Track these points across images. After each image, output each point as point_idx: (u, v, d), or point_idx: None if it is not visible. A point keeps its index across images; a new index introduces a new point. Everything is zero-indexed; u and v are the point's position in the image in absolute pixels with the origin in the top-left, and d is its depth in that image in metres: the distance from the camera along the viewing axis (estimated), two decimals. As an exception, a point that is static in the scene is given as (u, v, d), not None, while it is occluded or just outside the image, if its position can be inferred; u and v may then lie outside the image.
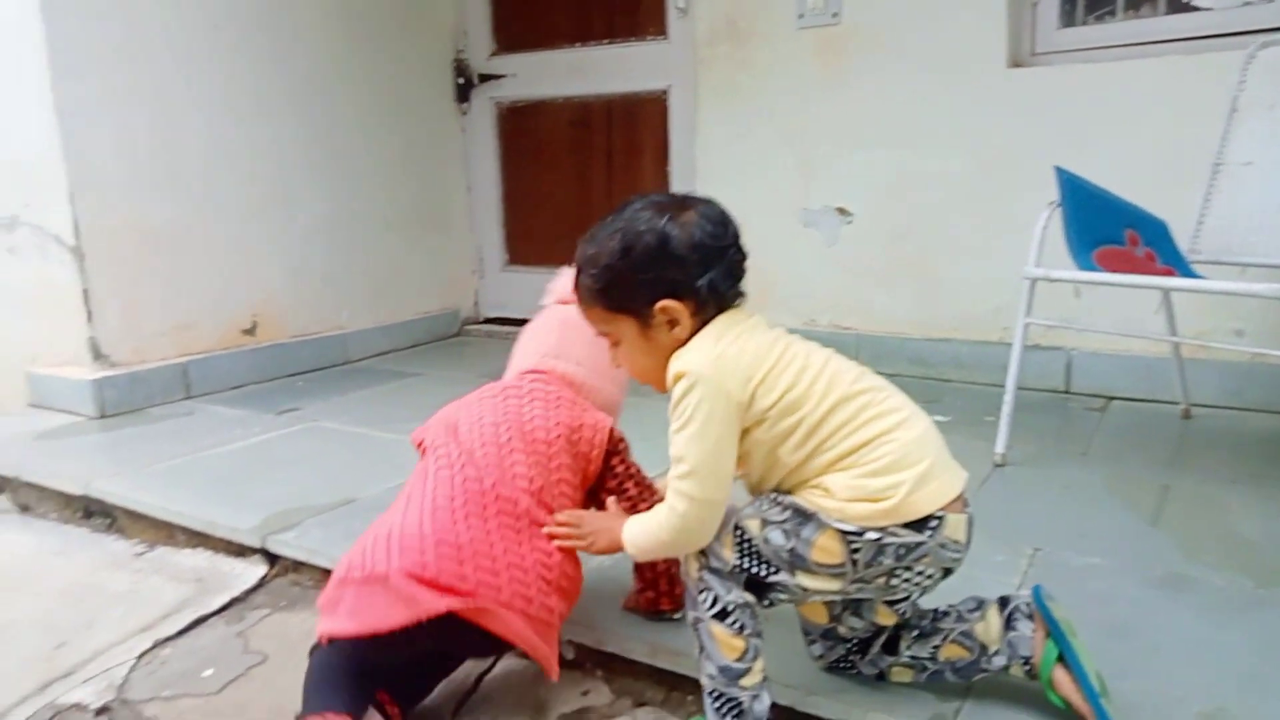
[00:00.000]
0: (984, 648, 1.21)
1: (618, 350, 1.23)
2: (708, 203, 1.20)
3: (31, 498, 2.27)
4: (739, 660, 1.13)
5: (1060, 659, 1.17)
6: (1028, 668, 1.19)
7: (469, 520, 1.22)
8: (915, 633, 1.25)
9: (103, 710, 1.43)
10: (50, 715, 1.43)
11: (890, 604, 1.23)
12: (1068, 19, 2.79)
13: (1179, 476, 2.10)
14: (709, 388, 1.09)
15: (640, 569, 1.44)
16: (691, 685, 1.36)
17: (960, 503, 1.12)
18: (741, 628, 1.13)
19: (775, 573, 1.11)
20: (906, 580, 1.13)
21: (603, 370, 1.47)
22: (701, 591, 1.14)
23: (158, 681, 1.51)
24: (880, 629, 1.25)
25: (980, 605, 1.24)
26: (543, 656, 1.24)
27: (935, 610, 1.26)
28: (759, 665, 1.15)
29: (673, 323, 1.15)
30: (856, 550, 1.08)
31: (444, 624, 1.15)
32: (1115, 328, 2.48)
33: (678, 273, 1.14)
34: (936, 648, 1.23)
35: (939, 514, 1.09)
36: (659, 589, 1.45)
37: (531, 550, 1.24)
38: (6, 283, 2.85)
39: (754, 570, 1.12)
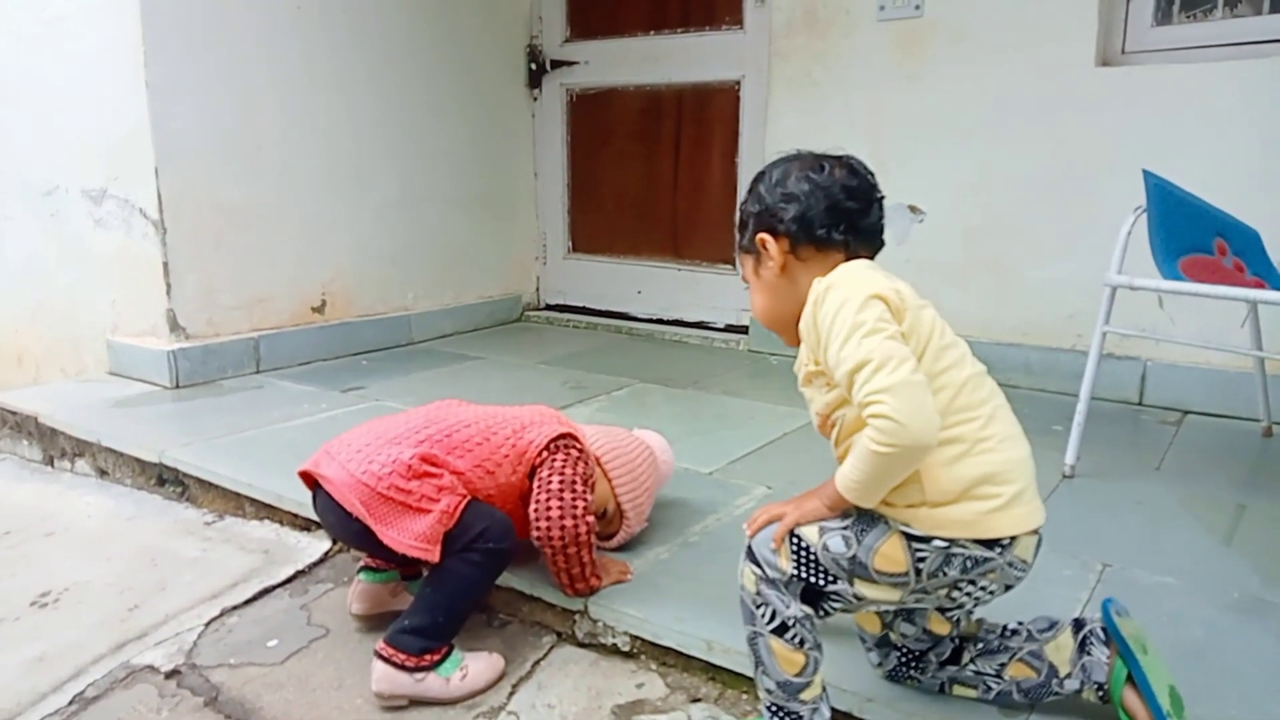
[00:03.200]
0: (1054, 669, 1.18)
1: (750, 291, 1.23)
2: (838, 157, 1.21)
3: (109, 462, 2.36)
4: (799, 675, 1.11)
5: (1129, 678, 1.14)
6: (1101, 693, 1.15)
7: (364, 435, 1.48)
8: (980, 646, 1.22)
9: (173, 673, 1.48)
10: (124, 675, 1.48)
11: (943, 611, 1.20)
12: (1163, 17, 2.69)
13: (1256, 496, 2.02)
14: (855, 288, 1.06)
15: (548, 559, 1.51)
16: (747, 682, 1.36)
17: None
18: (801, 641, 1.10)
19: (833, 582, 1.09)
20: (968, 594, 1.10)
21: (628, 463, 1.66)
22: (759, 606, 1.12)
23: (225, 649, 1.55)
24: (936, 638, 1.22)
25: (1053, 625, 1.21)
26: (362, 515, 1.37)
27: (1004, 627, 1.23)
28: (818, 678, 1.13)
29: (802, 258, 1.16)
30: (922, 559, 1.06)
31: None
32: (1197, 339, 2.40)
33: (796, 211, 1.15)
34: (1003, 665, 1.20)
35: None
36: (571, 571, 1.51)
37: (388, 454, 1.41)
38: (94, 253, 2.95)
39: (811, 580, 1.09)
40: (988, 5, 2.81)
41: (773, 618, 1.10)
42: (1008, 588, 1.11)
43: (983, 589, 1.10)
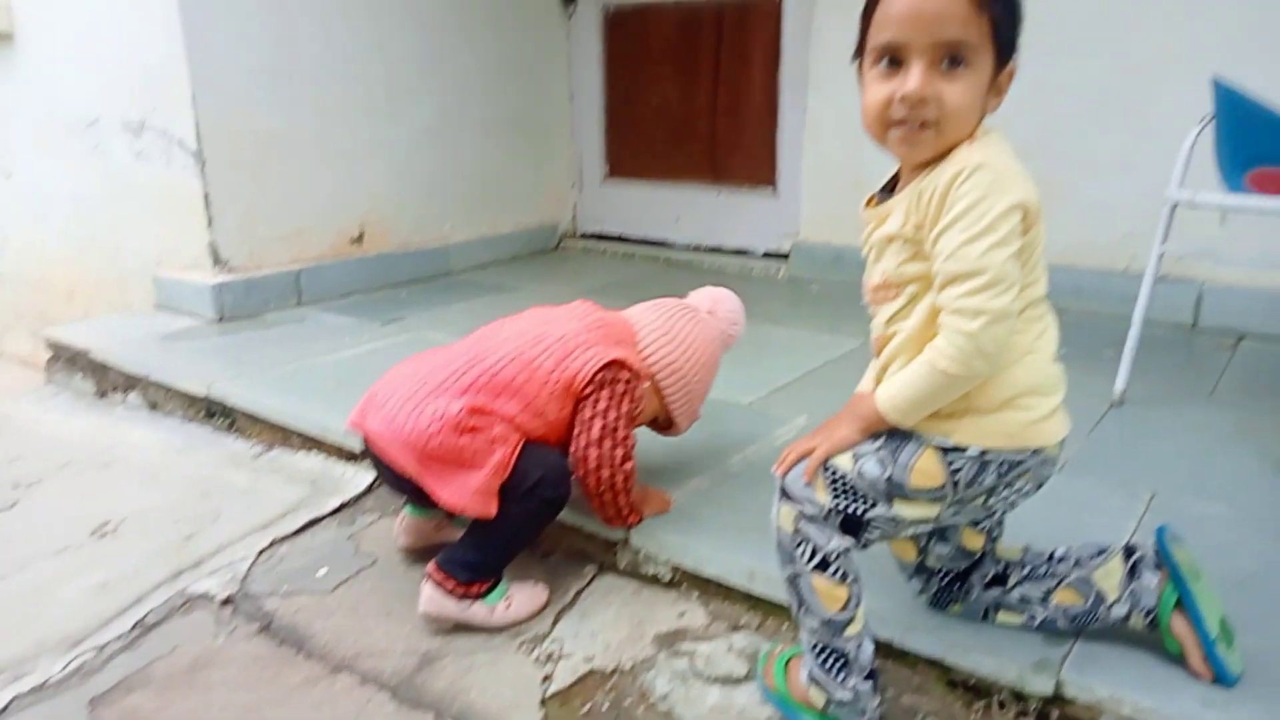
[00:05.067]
0: (1101, 596, 1.16)
1: (954, 77, 0.98)
2: None
3: (159, 396, 2.41)
4: (842, 610, 1.10)
5: (1179, 604, 1.12)
6: (1150, 619, 1.14)
7: (409, 381, 1.44)
8: (1026, 571, 1.21)
9: (227, 601, 1.53)
10: (182, 602, 1.53)
11: (975, 524, 1.19)
12: (1234, -89, 2.52)
13: (1318, 423, 1.96)
14: (1006, 184, 0.96)
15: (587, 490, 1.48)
16: (788, 612, 1.36)
17: None
18: (844, 575, 1.09)
19: (872, 506, 1.07)
20: (1003, 499, 1.09)
21: (692, 371, 1.58)
22: (798, 545, 1.10)
23: (276, 577, 1.60)
24: (972, 554, 1.21)
25: (1103, 552, 1.19)
26: (416, 475, 1.37)
27: (1052, 552, 1.22)
28: (861, 613, 1.12)
29: (1000, 92, 1.03)
30: (957, 470, 1.04)
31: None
32: (1259, 259, 2.30)
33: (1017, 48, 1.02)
34: (1049, 591, 1.19)
35: None
36: (607, 513, 1.50)
37: (435, 409, 1.38)
38: (136, 186, 2.96)
39: (850, 509, 1.08)
40: (1044, -94, 2.64)
41: (813, 554, 1.09)
42: (1039, 486, 1.10)
43: (1017, 491, 1.09)
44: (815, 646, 1.13)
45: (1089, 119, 2.69)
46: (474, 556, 1.41)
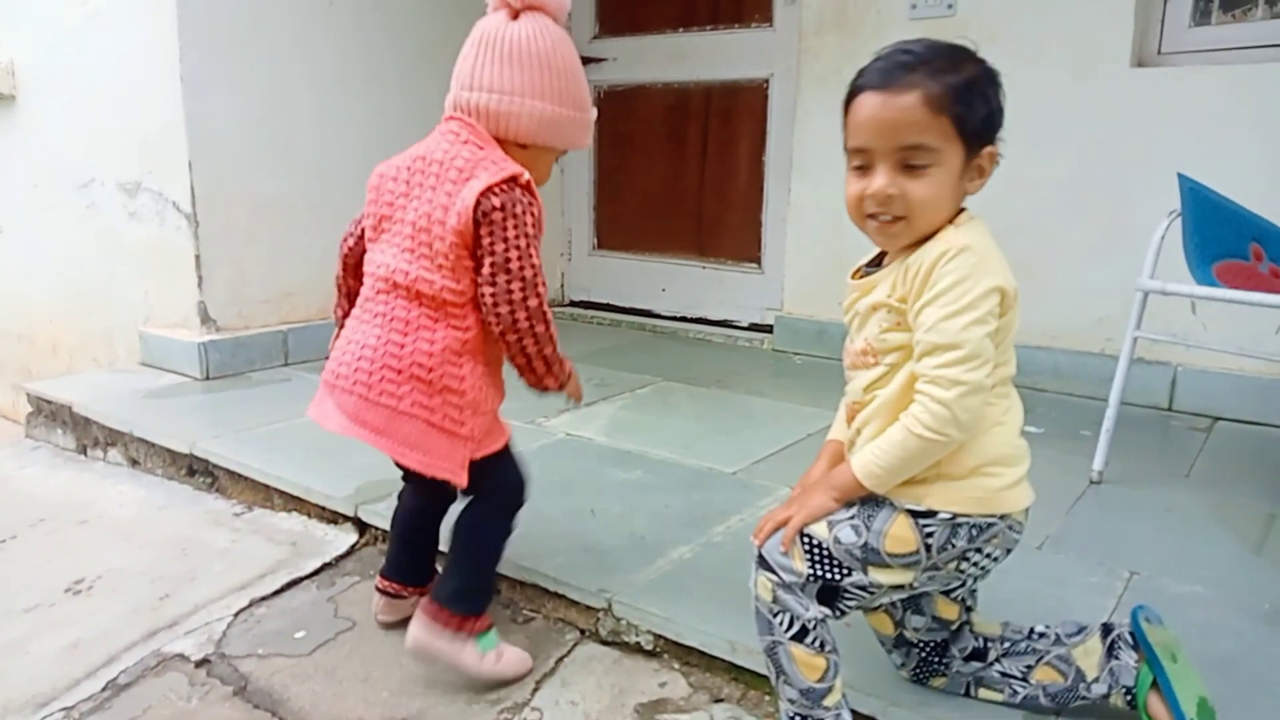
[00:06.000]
0: (1081, 674, 1.17)
1: (920, 176, 1.04)
2: None
3: (140, 452, 2.39)
4: (820, 680, 1.11)
5: (1155, 685, 1.13)
6: (1129, 697, 1.15)
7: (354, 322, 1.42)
8: (1006, 646, 1.22)
9: (203, 662, 1.50)
10: (155, 663, 1.51)
11: (947, 593, 1.20)
12: (1201, 16, 2.65)
13: (1291, 506, 1.99)
14: (987, 267, 1.02)
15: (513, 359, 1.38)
16: (769, 684, 1.36)
17: None
18: (822, 645, 1.10)
19: (849, 574, 1.09)
20: (974, 564, 1.11)
21: (523, 87, 1.35)
22: (777, 614, 1.11)
23: (253, 639, 1.57)
24: (947, 623, 1.22)
25: (1081, 630, 1.21)
26: (366, 439, 1.36)
27: (1032, 629, 1.23)
28: (839, 683, 1.13)
29: (982, 174, 1.08)
30: (930, 534, 1.07)
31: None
32: (1229, 345, 2.37)
33: (996, 130, 1.07)
34: (1029, 668, 1.20)
35: None
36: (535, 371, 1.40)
37: (384, 338, 1.35)
38: (128, 244, 2.99)
39: (827, 575, 1.09)
40: (1021, 4, 2.78)
41: (791, 623, 1.10)
42: (1008, 551, 1.13)
43: (987, 556, 1.11)
44: (795, 718, 1.13)
45: (1065, 209, 2.78)
46: (462, 582, 1.42)
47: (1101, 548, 1.74)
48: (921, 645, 1.25)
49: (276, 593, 1.73)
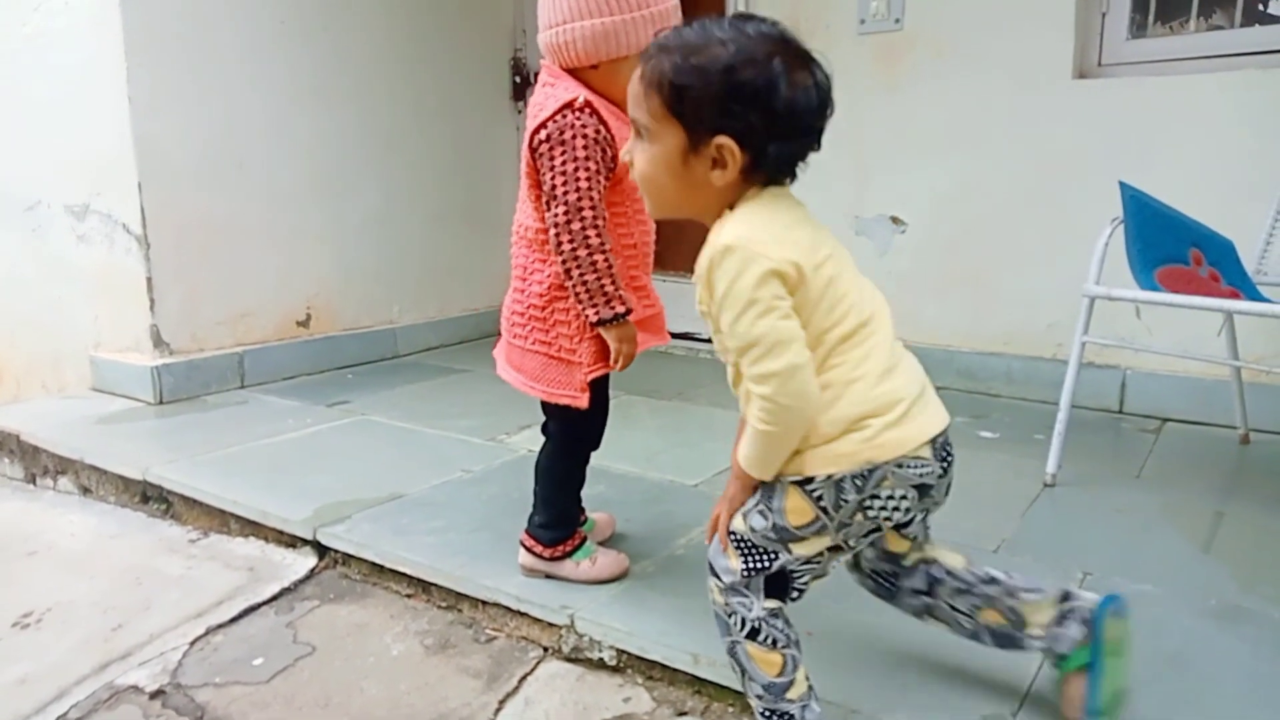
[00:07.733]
0: (1024, 624, 1.20)
1: (641, 147, 1.12)
2: (827, 75, 1.09)
3: (92, 480, 2.34)
4: (780, 675, 1.14)
5: (1084, 669, 1.17)
6: (1056, 664, 1.21)
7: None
8: (959, 585, 1.23)
9: (157, 694, 1.47)
10: (108, 695, 1.47)
11: (898, 530, 1.20)
12: (1138, 30, 2.73)
13: (1235, 503, 2.05)
14: (766, 264, 1.02)
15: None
16: (733, 695, 1.37)
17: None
18: (774, 641, 1.13)
19: (775, 558, 1.12)
20: (883, 509, 1.09)
21: (567, 12, 1.39)
22: (730, 615, 1.15)
23: (210, 668, 1.55)
24: (896, 558, 1.24)
25: (1038, 590, 1.22)
26: (508, 378, 1.56)
27: (987, 572, 1.24)
28: (800, 675, 1.16)
29: (718, 165, 1.07)
30: (819, 497, 1.09)
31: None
32: (1174, 349, 2.43)
33: (760, 123, 1.04)
34: (976, 608, 1.23)
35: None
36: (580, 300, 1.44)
37: (515, 285, 1.55)
38: (76, 268, 2.94)
39: (760, 565, 1.12)
40: (966, 19, 2.84)
41: (743, 623, 1.13)
42: (918, 490, 1.10)
43: (889, 498, 1.09)
44: (764, 712, 1.16)
45: (1013, 216, 2.84)
46: (543, 515, 1.60)
47: (1056, 549, 1.77)
48: (873, 573, 1.28)
49: (234, 620, 1.70)
